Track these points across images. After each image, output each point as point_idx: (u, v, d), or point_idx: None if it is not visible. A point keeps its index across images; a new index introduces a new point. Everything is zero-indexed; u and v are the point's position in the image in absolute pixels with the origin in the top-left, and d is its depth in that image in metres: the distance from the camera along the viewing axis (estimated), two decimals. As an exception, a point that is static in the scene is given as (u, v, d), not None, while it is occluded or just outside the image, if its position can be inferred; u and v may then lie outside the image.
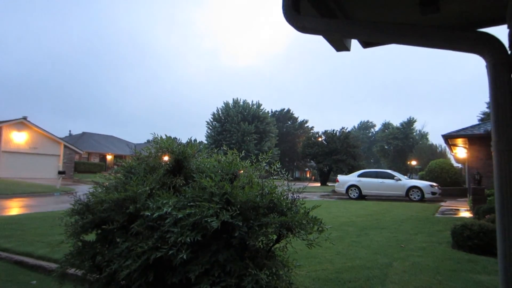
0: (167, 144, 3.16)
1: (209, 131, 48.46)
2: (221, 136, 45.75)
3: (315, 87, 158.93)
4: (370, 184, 17.95)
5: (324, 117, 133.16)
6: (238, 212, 2.51)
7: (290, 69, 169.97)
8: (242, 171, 3.36)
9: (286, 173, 3.30)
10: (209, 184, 2.64)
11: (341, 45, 2.65)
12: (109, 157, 45.97)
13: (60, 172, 23.69)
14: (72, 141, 40.68)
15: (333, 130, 41.77)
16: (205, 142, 48.30)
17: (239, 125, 45.16)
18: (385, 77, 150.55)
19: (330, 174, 41.95)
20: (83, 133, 50.14)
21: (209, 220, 2.39)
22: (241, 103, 48.52)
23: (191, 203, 2.56)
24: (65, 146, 32.97)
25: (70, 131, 55.08)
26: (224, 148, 3.64)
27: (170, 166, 3.15)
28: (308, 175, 72.78)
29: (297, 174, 68.79)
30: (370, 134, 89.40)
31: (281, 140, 57.71)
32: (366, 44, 2.80)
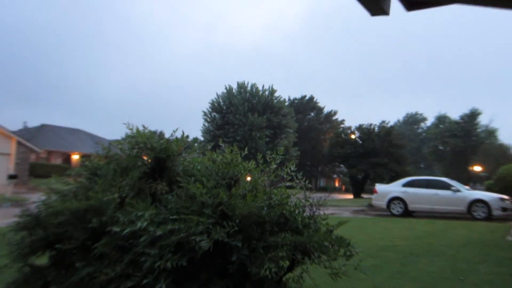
0: (145, 138, 3.15)
1: (206, 124, 48.45)
2: (222, 131, 45.62)
3: (344, 70, 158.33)
4: (419, 197, 17.78)
5: (357, 107, 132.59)
6: (237, 228, 2.50)
7: (310, 48, 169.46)
8: (248, 177, 3.35)
9: (303, 179, 3.28)
10: (199, 192, 2.63)
11: (377, 7, 2.58)
12: (75, 157, 46.52)
13: (11, 177, 24.03)
14: (28, 136, 41.18)
15: (370, 125, 41.64)
16: (201, 139, 48.18)
17: (246, 117, 44.81)
18: (435, 55, 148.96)
19: (366, 182, 41.80)
20: (42, 125, 50.45)
21: (198, 239, 2.37)
22: (249, 88, 48.33)
23: (175, 216, 2.55)
24: (18, 143, 33.45)
25: (25, 122, 54.71)
26: (221, 145, 3.61)
27: (149, 167, 3.13)
28: (336, 184, 72.59)
29: (322, 183, 68.67)
30: (419, 130, 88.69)
31: (301, 137, 57.01)
32: (410, 5, 2.73)
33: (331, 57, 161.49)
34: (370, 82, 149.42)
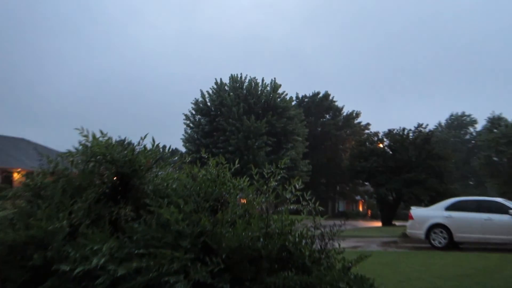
0: (104, 148, 3.14)
1: (189, 130, 48.00)
2: (210, 140, 45.34)
3: (366, 60, 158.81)
4: (467, 223, 17.72)
5: (384, 107, 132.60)
6: (223, 266, 2.49)
7: (322, 35, 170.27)
8: (242, 200, 3.33)
9: (312, 200, 3.29)
10: (174, 218, 2.63)
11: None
12: (18, 175, 46.44)
13: None
14: (-43, 149, 41.17)
15: (403, 130, 41.52)
16: (183, 150, 47.89)
17: (241, 121, 44.56)
18: (487, 40, 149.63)
19: (399, 205, 41.63)
20: (-25, 135, 50.64)
21: (172, 281, 2.36)
22: (246, 83, 48.07)
23: (143, 251, 2.55)
24: None
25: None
26: (204, 155, 3.60)
27: (109, 186, 3.14)
28: (360, 209, 72.45)
29: (341, 207, 68.51)
30: (467, 137, 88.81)
31: (314, 147, 56.56)
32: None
33: (349, 44, 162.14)
34: (400, 75, 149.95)
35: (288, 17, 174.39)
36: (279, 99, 47.67)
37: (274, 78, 48.10)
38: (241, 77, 48.20)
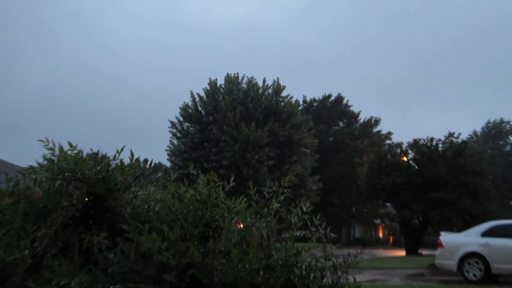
0: (73, 163, 3.12)
1: (175, 141, 47.43)
2: (200, 152, 44.97)
3: (385, 59, 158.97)
4: (508, 252, 17.67)
5: (406, 113, 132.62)
6: (216, 305, 2.47)
7: (329, 28, 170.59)
8: (239, 224, 3.31)
9: (323, 225, 3.28)
10: (156, 247, 2.62)
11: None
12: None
13: None
14: None
15: (431, 140, 41.28)
16: (168, 165, 47.31)
17: (238, 129, 43.94)
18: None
19: (426, 231, 41.44)
20: None
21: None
22: (243, 84, 47.07)
23: (119, 286, 2.54)
24: None
25: None
26: (193, 171, 3.59)
27: (80, 209, 3.13)
28: (380, 235, 72.19)
29: (357, 232, 68.22)
30: (507, 148, 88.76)
31: (325, 161, 55.83)
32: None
33: (364, 38, 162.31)
34: (426, 74, 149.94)
35: (288, 7, 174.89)
36: (283, 103, 46.38)
37: (277, 79, 47.08)
38: (237, 76, 47.34)
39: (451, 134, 41.87)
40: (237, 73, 47.38)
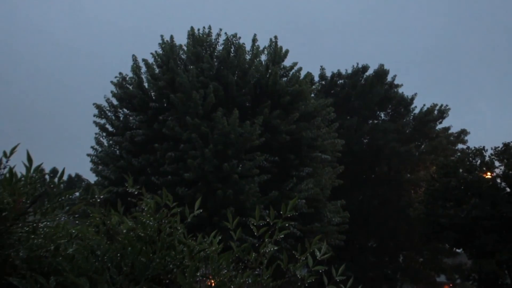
0: None
1: (104, 140, 29.90)
2: (146, 159, 27.17)
3: (446, 28, 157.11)
4: None
5: (478, 108, 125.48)
6: None
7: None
8: (209, 279, 2.71)
9: (349, 280, 2.67)
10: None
11: None
12: None
13: None
14: None
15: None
16: (93, 178, 30.40)
17: (212, 121, 25.96)
18: None
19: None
20: None
21: None
22: (219, 46, 30.66)
23: None
24: None
25: None
26: (132, 189, 2.99)
27: None
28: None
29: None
30: None
31: (354, 176, 38.44)
32: None
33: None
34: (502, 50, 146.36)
35: None
36: (285, 79, 29.91)
37: (275, 37, 30.58)
38: (209, 32, 30.83)
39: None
40: (209, 28, 30.89)
